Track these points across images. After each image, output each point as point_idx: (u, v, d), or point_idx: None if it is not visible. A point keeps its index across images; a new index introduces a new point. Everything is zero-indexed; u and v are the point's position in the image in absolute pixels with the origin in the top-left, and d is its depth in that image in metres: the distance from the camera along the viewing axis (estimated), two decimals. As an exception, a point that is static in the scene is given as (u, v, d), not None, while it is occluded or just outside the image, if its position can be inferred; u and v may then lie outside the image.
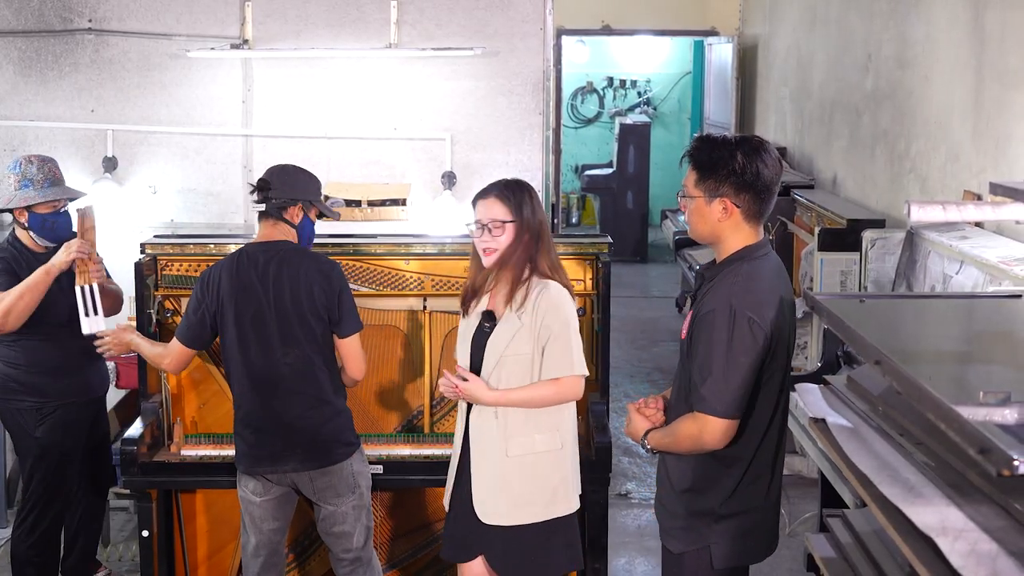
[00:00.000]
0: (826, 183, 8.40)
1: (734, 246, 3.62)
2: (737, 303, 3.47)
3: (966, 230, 5.08)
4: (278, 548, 4.68)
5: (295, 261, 4.48)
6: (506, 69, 6.71)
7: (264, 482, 4.54)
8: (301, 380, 4.47)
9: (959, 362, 2.86)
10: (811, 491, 6.59)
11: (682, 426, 3.58)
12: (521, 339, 4.14)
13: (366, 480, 4.63)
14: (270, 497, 4.56)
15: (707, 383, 3.47)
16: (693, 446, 3.55)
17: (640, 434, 3.75)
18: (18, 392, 5.27)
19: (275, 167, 4.65)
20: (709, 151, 3.61)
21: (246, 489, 4.58)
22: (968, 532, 2.28)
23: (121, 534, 6.35)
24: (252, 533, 4.60)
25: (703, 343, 3.50)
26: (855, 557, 3.24)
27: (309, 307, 4.44)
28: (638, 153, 14.80)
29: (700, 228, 3.66)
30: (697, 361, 3.52)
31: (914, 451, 2.66)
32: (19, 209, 5.20)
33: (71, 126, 6.71)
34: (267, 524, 4.59)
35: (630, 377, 9.22)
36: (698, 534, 3.63)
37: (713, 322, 3.49)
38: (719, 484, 3.61)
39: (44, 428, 5.27)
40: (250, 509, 4.59)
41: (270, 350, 4.45)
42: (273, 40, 6.68)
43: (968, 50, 5.66)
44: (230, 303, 4.46)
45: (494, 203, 4.17)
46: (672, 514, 3.70)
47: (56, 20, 6.66)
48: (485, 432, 4.18)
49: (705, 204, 3.60)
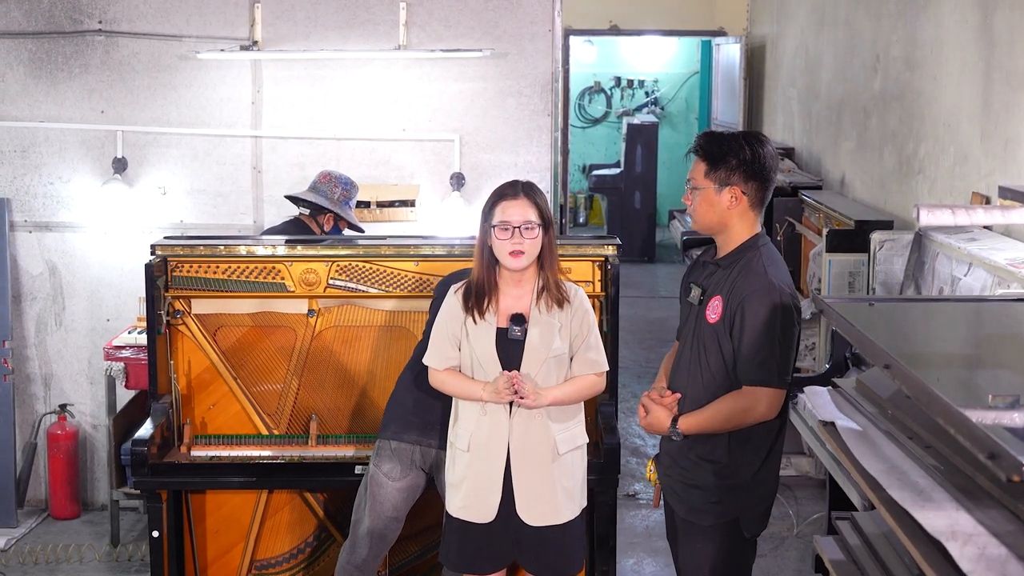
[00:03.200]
0: (834, 184, 8.40)
1: (741, 234, 3.88)
2: (776, 282, 3.77)
3: (974, 232, 5.08)
4: (390, 536, 4.65)
5: None
6: (515, 70, 6.71)
7: (403, 466, 4.53)
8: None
9: (968, 366, 2.86)
10: (818, 492, 6.60)
11: (725, 404, 3.80)
12: (560, 339, 4.17)
13: None
14: (402, 485, 4.55)
15: (760, 358, 3.74)
16: (740, 421, 3.79)
17: (666, 424, 3.91)
18: None
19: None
20: (719, 143, 3.89)
21: (380, 470, 4.55)
22: (977, 536, 2.29)
23: (131, 534, 6.37)
24: (369, 515, 4.56)
25: (750, 322, 3.74)
26: (864, 560, 3.25)
27: None
28: (645, 153, 14.79)
29: (708, 217, 3.90)
30: (745, 339, 3.76)
31: (923, 455, 2.67)
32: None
33: (81, 127, 6.71)
34: (389, 512, 4.57)
35: (638, 378, 9.22)
36: (730, 506, 3.88)
37: (759, 302, 3.74)
38: (754, 455, 3.87)
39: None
40: (377, 492, 4.56)
41: None
42: (283, 42, 6.69)
43: (977, 52, 5.66)
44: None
45: (525, 204, 4.16)
46: (703, 489, 3.89)
47: (66, 21, 6.67)
48: (532, 434, 4.17)
49: (715, 193, 3.86)
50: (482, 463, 4.18)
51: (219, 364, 5.08)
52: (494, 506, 4.18)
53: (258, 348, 5.12)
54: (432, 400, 4.48)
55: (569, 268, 4.86)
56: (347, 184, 6.10)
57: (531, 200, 4.18)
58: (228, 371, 5.09)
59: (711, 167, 3.86)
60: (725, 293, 3.82)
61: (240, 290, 5.07)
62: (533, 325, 4.17)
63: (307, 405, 5.10)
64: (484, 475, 4.18)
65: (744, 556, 3.99)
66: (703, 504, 3.91)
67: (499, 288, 4.21)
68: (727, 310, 3.80)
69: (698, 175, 3.89)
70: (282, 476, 4.92)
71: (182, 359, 5.09)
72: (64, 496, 6.66)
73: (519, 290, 4.21)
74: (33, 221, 6.68)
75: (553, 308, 4.18)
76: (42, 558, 6.17)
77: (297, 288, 5.05)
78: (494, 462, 4.17)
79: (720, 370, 3.84)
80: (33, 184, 6.70)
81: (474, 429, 4.19)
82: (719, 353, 3.83)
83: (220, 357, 5.07)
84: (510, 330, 4.17)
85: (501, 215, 4.14)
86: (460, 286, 4.27)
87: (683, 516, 3.97)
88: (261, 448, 5.05)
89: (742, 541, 3.94)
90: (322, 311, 5.08)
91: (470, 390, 4.18)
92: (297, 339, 5.09)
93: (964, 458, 2.47)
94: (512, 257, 4.12)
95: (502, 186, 4.25)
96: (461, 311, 4.21)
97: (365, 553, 4.60)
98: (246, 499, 5.13)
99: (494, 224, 4.14)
